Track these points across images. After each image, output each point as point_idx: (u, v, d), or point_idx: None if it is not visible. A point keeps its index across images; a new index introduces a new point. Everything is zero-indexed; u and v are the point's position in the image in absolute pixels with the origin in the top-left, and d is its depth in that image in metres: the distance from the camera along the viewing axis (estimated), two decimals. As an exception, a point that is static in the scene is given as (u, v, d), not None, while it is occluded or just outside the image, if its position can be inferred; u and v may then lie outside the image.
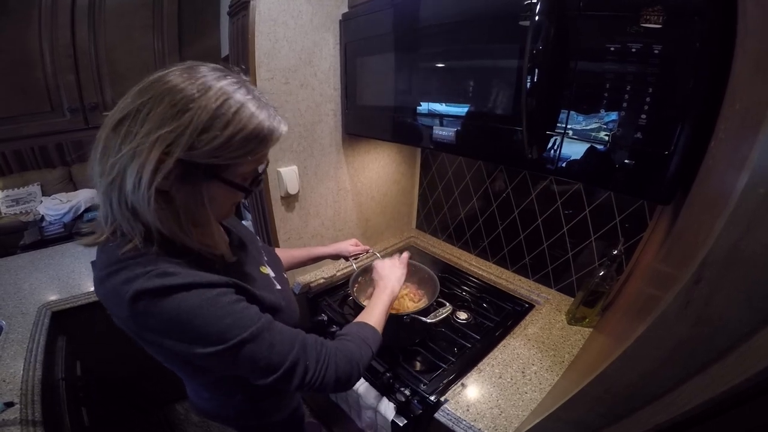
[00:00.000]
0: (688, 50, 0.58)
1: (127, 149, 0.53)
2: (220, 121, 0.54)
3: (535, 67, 0.71)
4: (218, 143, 0.54)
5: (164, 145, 0.53)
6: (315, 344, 0.71)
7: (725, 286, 0.36)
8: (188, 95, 0.53)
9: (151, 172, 0.53)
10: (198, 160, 0.55)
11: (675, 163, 0.63)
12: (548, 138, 0.78)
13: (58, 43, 1.61)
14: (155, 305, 0.56)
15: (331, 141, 1.45)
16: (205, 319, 0.58)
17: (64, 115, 1.70)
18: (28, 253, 2.01)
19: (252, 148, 0.58)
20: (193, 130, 0.53)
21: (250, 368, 0.64)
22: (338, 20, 1.29)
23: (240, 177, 0.62)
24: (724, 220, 0.33)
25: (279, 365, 0.64)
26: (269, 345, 0.64)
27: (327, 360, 0.70)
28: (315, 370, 0.68)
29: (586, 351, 1.05)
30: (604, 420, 0.57)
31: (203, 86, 0.54)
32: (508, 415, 0.94)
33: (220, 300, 0.60)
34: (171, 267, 0.58)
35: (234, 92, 0.56)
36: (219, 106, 0.54)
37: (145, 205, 0.55)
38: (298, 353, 0.67)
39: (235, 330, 0.60)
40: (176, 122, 0.52)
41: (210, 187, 0.59)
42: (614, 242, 1.17)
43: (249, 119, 0.56)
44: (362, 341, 0.79)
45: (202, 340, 0.59)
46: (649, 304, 0.52)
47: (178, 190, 0.57)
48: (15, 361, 1.20)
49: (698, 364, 0.41)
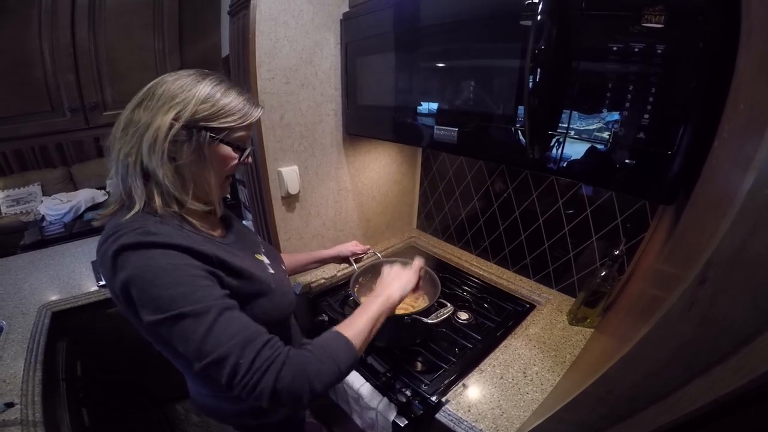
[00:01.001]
0: (691, 49, 0.58)
1: (146, 119, 0.67)
2: (215, 95, 0.70)
3: (537, 66, 0.70)
4: (216, 108, 0.70)
5: (175, 111, 0.67)
6: (262, 346, 0.64)
7: (730, 287, 0.35)
8: (188, 80, 0.70)
9: (164, 133, 0.66)
10: (200, 123, 0.69)
11: (678, 163, 0.63)
12: (550, 138, 0.78)
13: (58, 43, 1.61)
14: (128, 259, 0.62)
15: (331, 141, 1.45)
16: (163, 281, 0.62)
17: (65, 115, 1.70)
18: (28, 253, 2.01)
19: (239, 117, 0.72)
20: (197, 101, 0.68)
21: (182, 347, 0.63)
22: (339, 20, 1.29)
23: (234, 140, 0.75)
24: (730, 220, 0.33)
25: (207, 353, 0.61)
26: (207, 329, 0.61)
27: (268, 366, 0.63)
28: (247, 372, 0.62)
29: (587, 351, 1.05)
30: (606, 421, 0.57)
31: (197, 79, 0.71)
32: (509, 416, 0.94)
33: (185, 269, 0.64)
34: (158, 227, 0.66)
35: (218, 84, 0.72)
36: (213, 85, 0.71)
37: (157, 163, 0.67)
38: (233, 348, 0.62)
39: (182, 301, 0.62)
40: (183, 95, 0.68)
41: (210, 148, 0.72)
42: (616, 242, 1.17)
43: (235, 96, 0.73)
44: (327, 356, 0.70)
45: (153, 304, 0.62)
46: (653, 305, 0.52)
47: (181, 152, 0.70)
48: (15, 361, 1.20)
49: (702, 365, 0.41)
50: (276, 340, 0.68)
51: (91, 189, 3.91)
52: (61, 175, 4.10)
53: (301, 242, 1.50)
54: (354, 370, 1.24)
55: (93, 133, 1.82)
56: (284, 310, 0.85)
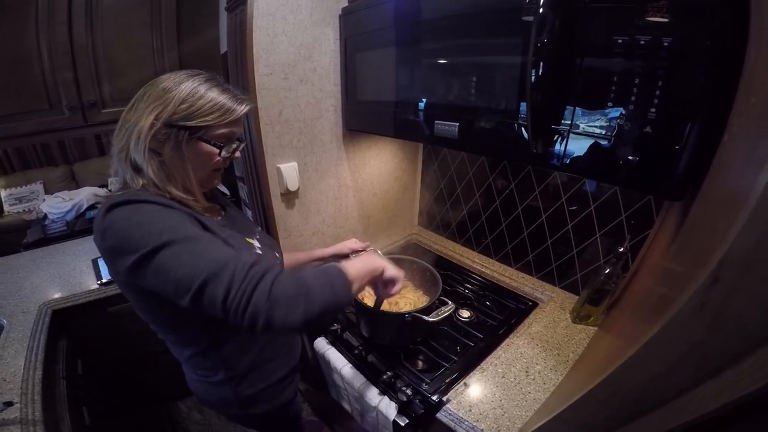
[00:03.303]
0: (699, 42, 0.56)
1: (133, 119, 0.75)
2: (193, 96, 0.75)
3: (539, 60, 0.69)
4: (193, 110, 0.74)
5: (155, 112, 0.73)
6: (249, 264, 0.64)
7: (744, 287, 0.34)
8: (173, 82, 0.76)
9: (146, 131, 0.73)
10: (179, 122, 0.74)
11: (686, 158, 0.61)
12: (553, 132, 0.76)
13: (55, 41, 1.60)
14: (115, 213, 0.68)
15: (331, 137, 1.43)
16: (152, 219, 0.67)
17: (63, 113, 1.69)
18: (30, 252, 2.01)
19: (218, 115, 0.76)
20: (175, 102, 0.74)
21: (172, 277, 0.63)
22: (338, 14, 1.27)
23: (212, 137, 0.78)
24: (744, 218, 0.31)
25: (201, 271, 0.61)
26: (200, 251, 0.64)
27: (263, 273, 0.63)
28: (245, 279, 0.61)
29: (591, 350, 1.04)
30: (611, 423, 0.55)
31: (183, 79, 0.76)
32: (511, 416, 0.93)
33: (174, 213, 0.72)
34: (147, 194, 0.73)
35: (204, 82, 0.77)
36: (194, 87, 0.75)
37: (141, 157, 0.74)
38: (228, 260, 0.62)
39: (172, 232, 0.66)
40: (164, 97, 0.74)
41: (189, 145, 0.77)
42: (620, 239, 1.15)
43: (215, 96, 0.76)
44: (324, 281, 0.70)
45: (139, 243, 0.64)
46: (661, 304, 0.50)
47: (165, 148, 0.76)
48: (15, 359, 1.20)
49: (712, 368, 0.39)
50: (262, 260, 0.74)
51: (93, 187, 3.90)
52: (63, 174, 4.10)
53: (301, 239, 1.49)
54: (353, 366, 1.25)
55: (92, 131, 1.81)
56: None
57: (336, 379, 1.34)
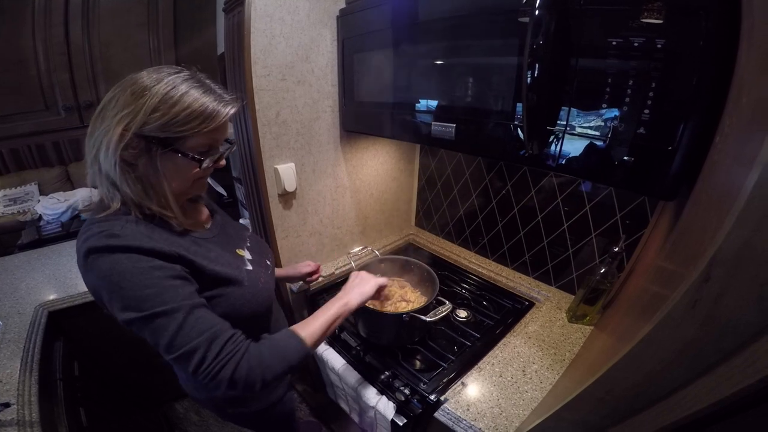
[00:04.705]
0: (692, 43, 0.57)
1: (101, 129, 0.67)
2: (167, 103, 0.66)
3: (535, 62, 0.69)
4: (166, 119, 0.66)
5: (124, 122, 0.65)
6: (225, 342, 0.70)
7: (735, 284, 0.34)
8: (144, 85, 0.66)
9: (115, 143, 0.65)
10: (151, 134, 0.67)
11: (679, 159, 0.62)
12: (549, 133, 0.77)
13: (51, 41, 1.59)
14: (95, 262, 0.66)
15: (328, 138, 1.43)
16: (131, 284, 0.65)
17: (59, 114, 1.68)
18: (25, 253, 1.99)
19: (196, 125, 0.69)
20: (146, 110, 0.65)
21: (153, 342, 0.68)
22: (335, 16, 1.27)
23: (191, 149, 0.72)
24: (735, 217, 0.32)
25: (177, 348, 0.67)
26: (178, 327, 0.66)
27: (229, 359, 0.69)
28: (211, 363, 0.68)
29: (587, 349, 1.04)
30: (607, 421, 0.56)
31: (157, 79, 0.67)
32: (508, 415, 0.93)
33: (151, 272, 0.67)
34: (123, 229, 0.68)
35: (182, 82, 0.68)
36: (167, 92, 0.66)
37: (113, 171, 0.68)
38: (201, 343, 0.68)
39: (151, 302, 0.65)
40: (133, 105, 0.65)
41: (164, 158, 0.70)
42: (615, 239, 1.16)
43: (193, 101, 0.68)
44: (279, 354, 0.77)
45: (122, 304, 0.66)
46: (654, 303, 0.51)
47: (139, 160, 0.69)
48: (11, 361, 1.19)
49: (705, 365, 0.40)
50: (238, 335, 0.73)
51: (88, 188, 3.88)
52: (58, 175, 4.07)
53: (298, 240, 1.49)
54: (351, 366, 1.25)
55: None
56: (254, 307, 0.86)
57: (334, 379, 1.34)
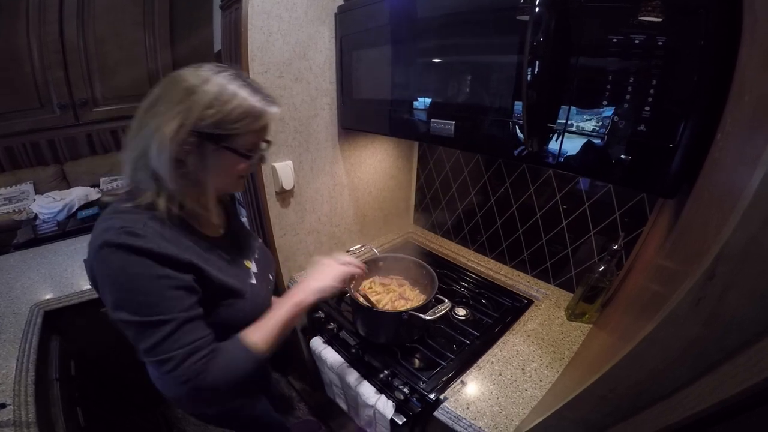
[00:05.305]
0: (693, 41, 0.57)
1: (153, 124, 0.68)
2: (220, 99, 0.68)
3: (535, 59, 0.69)
4: (220, 116, 0.68)
5: (180, 118, 0.66)
6: (201, 358, 0.72)
7: (740, 282, 0.34)
8: (196, 82, 0.68)
9: (169, 140, 0.66)
10: (205, 130, 0.69)
11: (680, 156, 0.62)
12: (549, 131, 0.77)
13: (46, 39, 1.58)
14: (109, 256, 0.66)
15: (326, 135, 1.43)
16: (135, 288, 0.67)
17: (54, 112, 1.68)
18: (20, 252, 1.98)
19: (247, 122, 0.72)
20: (201, 106, 0.67)
21: (136, 342, 0.71)
22: (333, 13, 1.27)
23: (240, 147, 0.74)
24: (740, 213, 0.31)
25: (156, 354, 0.69)
26: (163, 337, 0.68)
27: (197, 373, 0.72)
28: (181, 373, 0.71)
29: (586, 348, 1.04)
30: (609, 419, 0.56)
31: (206, 77, 0.69)
32: (508, 413, 0.93)
33: (158, 280, 0.68)
34: (145, 227, 0.69)
35: (230, 81, 0.70)
36: (220, 89, 0.68)
37: (164, 170, 0.69)
38: (178, 355, 0.70)
39: (148, 310, 0.67)
40: (188, 101, 0.67)
41: (215, 154, 0.72)
42: (614, 237, 1.16)
43: (243, 100, 0.70)
44: (228, 365, 0.77)
45: (119, 303, 0.68)
46: (655, 301, 0.51)
47: (189, 156, 0.71)
48: (7, 361, 1.18)
49: (709, 363, 0.40)
50: (213, 350, 0.74)
51: (84, 187, 3.85)
52: (54, 173, 4.03)
53: (296, 238, 1.49)
54: (349, 365, 1.25)
55: (84, 130, 1.80)
56: (250, 321, 0.84)
57: (332, 378, 1.33)
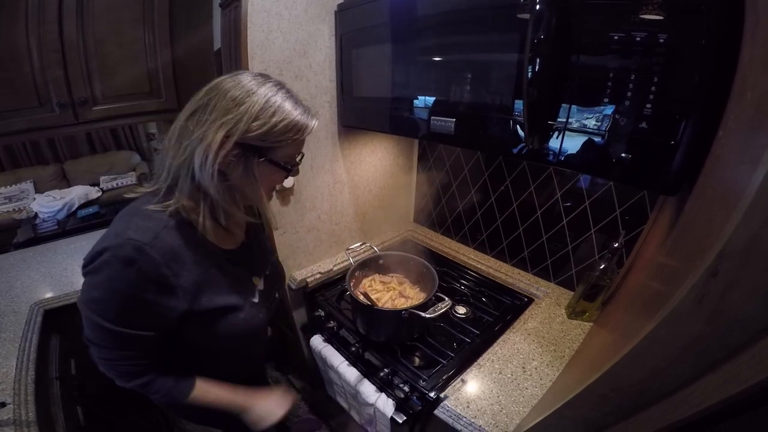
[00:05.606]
0: (694, 38, 0.57)
1: (198, 133, 0.67)
2: (267, 112, 0.68)
3: (536, 57, 0.69)
4: (266, 128, 0.68)
5: (226, 128, 0.66)
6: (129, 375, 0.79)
7: (742, 279, 0.34)
8: (243, 93, 0.68)
9: (215, 151, 0.66)
10: (251, 142, 0.69)
11: (681, 153, 0.61)
12: (549, 128, 0.77)
13: (45, 38, 1.57)
14: (103, 264, 0.66)
15: (326, 133, 1.42)
16: (116, 300, 0.68)
17: (53, 111, 1.66)
18: (20, 251, 1.98)
19: (291, 135, 0.72)
20: (248, 118, 0.67)
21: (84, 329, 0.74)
22: (333, 11, 1.26)
23: (282, 159, 0.75)
24: (744, 209, 0.31)
25: (94, 346, 0.75)
26: (113, 338, 0.72)
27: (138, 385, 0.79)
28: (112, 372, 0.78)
29: (587, 346, 1.04)
30: (611, 418, 0.56)
31: (250, 89, 0.68)
32: (509, 412, 0.93)
33: (143, 302, 0.69)
34: (154, 242, 0.67)
35: (275, 93, 0.70)
36: (266, 101, 0.68)
37: (208, 180, 0.68)
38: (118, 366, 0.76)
39: (117, 319, 0.70)
40: (235, 111, 0.67)
41: (259, 166, 0.73)
42: (614, 235, 1.16)
43: (288, 113, 0.70)
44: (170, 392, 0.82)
45: (91, 302, 0.70)
46: (656, 299, 0.51)
47: (234, 169, 0.71)
48: (7, 360, 1.18)
49: (711, 361, 0.40)
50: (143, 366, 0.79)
51: (84, 186, 3.88)
52: (54, 172, 4.06)
53: (296, 236, 1.49)
54: (350, 363, 1.25)
55: (83, 129, 1.79)
56: (243, 335, 0.86)
57: (333, 377, 1.33)
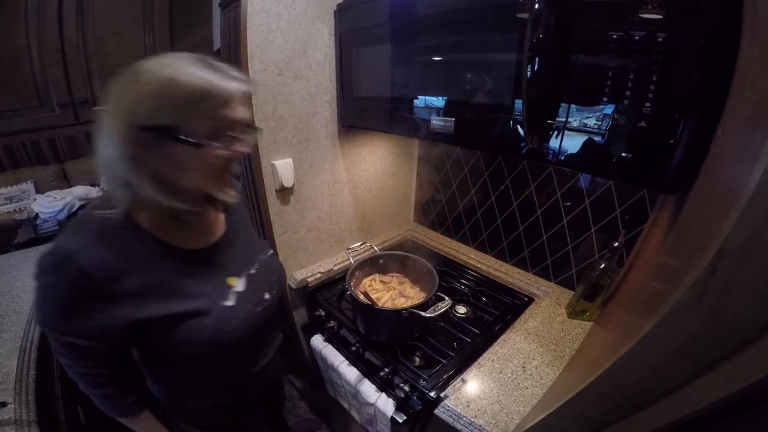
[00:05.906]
0: (693, 37, 0.57)
1: (106, 126, 0.62)
2: (162, 85, 0.59)
3: (535, 56, 0.69)
4: (158, 103, 0.59)
5: (121, 115, 0.60)
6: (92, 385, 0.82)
7: (741, 277, 0.34)
8: (137, 70, 0.60)
9: (118, 139, 0.60)
10: (156, 123, 0.60)
11: (680, 152, 0.62)
12: (549, 127, 0.77)
13: (45, 38, 1.58)
14: (49, 269, 0.64)
15: (326, 133, 1.42)
16: (55, 302, 0.66)
17: (54, 110, 1.67)
18: (21, 251, 1.98)
19: (197, 104, 0.61)
20: (145, 98, 0.59)
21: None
22: (333, 11, 1.26)
23: (195, 135, 0.63)
24: (741, 207, 0.31)
25: (55, 350, 0.73)
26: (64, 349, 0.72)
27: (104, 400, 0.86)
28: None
29: (587, 345, 1.04)
30: (611, 416, 0.56)
31: (157, 63, 0.61)
32: (509, 411, 0.93)
33: (78, 310, 0.66)
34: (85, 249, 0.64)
35: (183, 65, 0.61)
36: (163, 74, 0.59)
37: (130, 176, 0.63)
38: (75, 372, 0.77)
39: (60, 327, 0.68)
40: (131, 94, 0.60)
41: (174, 149, 0.63)
42: (614, 234, 1.16)
43: (189, 79, 0.60)
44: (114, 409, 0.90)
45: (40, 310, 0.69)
46: (656, 298, 0.51)
47: (147, 154, 0.62)
48: (8, 360, 1.18)
49: (710, 360, 0.40)
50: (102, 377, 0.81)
51: (84, 186, 3.86)
52: (54, 172, 4.03)
53: (296, 236, 1.49)
54: (350, 363, 1.25)
55: (83, 129, 1.80)
56: (215, 343, 0.77)
57: (333, 377, 1.34)
